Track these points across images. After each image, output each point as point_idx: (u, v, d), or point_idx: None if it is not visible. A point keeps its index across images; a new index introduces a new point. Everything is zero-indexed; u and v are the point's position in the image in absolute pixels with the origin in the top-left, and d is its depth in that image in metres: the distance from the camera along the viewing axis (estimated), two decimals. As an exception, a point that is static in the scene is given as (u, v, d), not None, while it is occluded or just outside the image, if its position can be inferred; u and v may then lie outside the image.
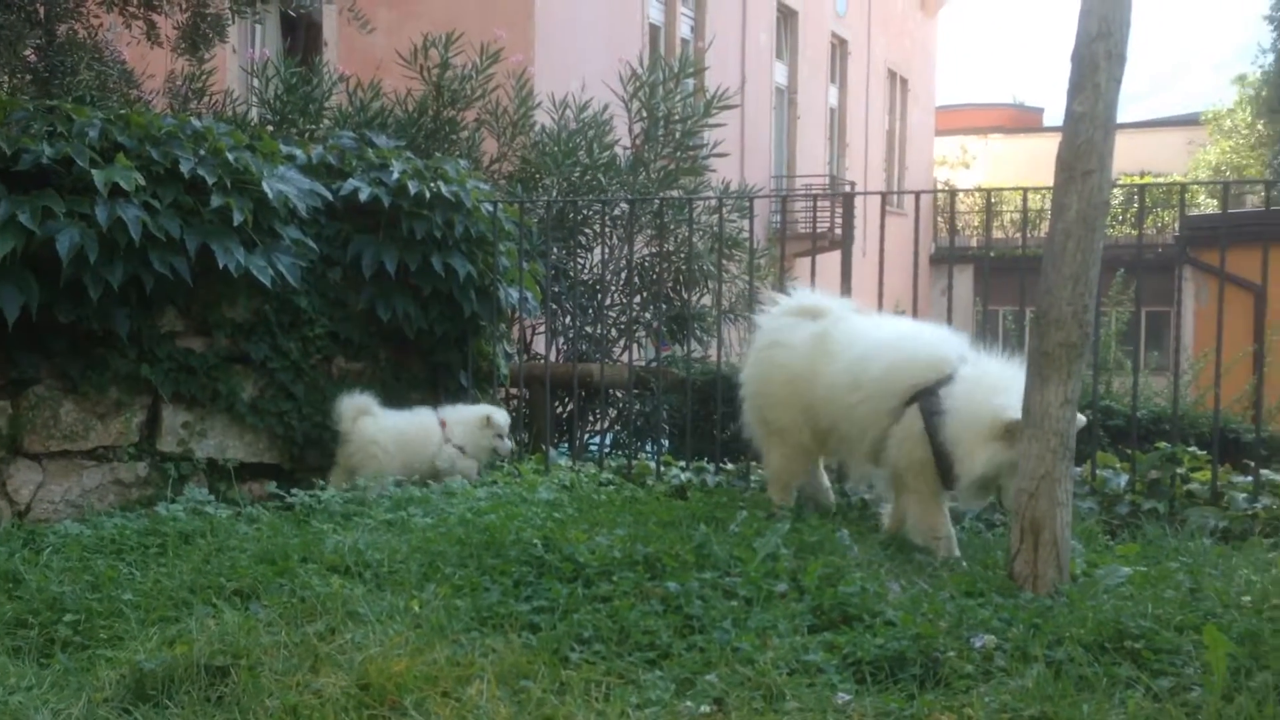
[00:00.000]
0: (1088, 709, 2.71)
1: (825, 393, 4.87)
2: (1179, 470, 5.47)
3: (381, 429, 5.87)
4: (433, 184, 6.25)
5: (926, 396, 4.58)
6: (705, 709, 2.93)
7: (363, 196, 6.05)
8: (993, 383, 4.47)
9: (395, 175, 6.18)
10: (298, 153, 6.27)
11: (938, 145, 30.94)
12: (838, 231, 18.73)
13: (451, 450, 5.94)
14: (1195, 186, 17.64)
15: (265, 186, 5.59)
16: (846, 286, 6.10)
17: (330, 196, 6.07)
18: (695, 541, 4.15)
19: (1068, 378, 4.04)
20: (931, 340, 4.82)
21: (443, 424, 6.00)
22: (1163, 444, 5.56)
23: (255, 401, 5.86)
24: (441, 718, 2.82)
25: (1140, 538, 4.89)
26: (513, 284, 6.60)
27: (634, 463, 6.47)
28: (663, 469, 6.32)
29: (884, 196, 7.39)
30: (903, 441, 4.63)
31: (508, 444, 6.09)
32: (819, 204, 18.59)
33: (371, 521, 4.69)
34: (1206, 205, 18.53)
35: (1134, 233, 19.88)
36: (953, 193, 16.62)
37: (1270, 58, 19.97)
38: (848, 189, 22.72)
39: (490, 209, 6.53)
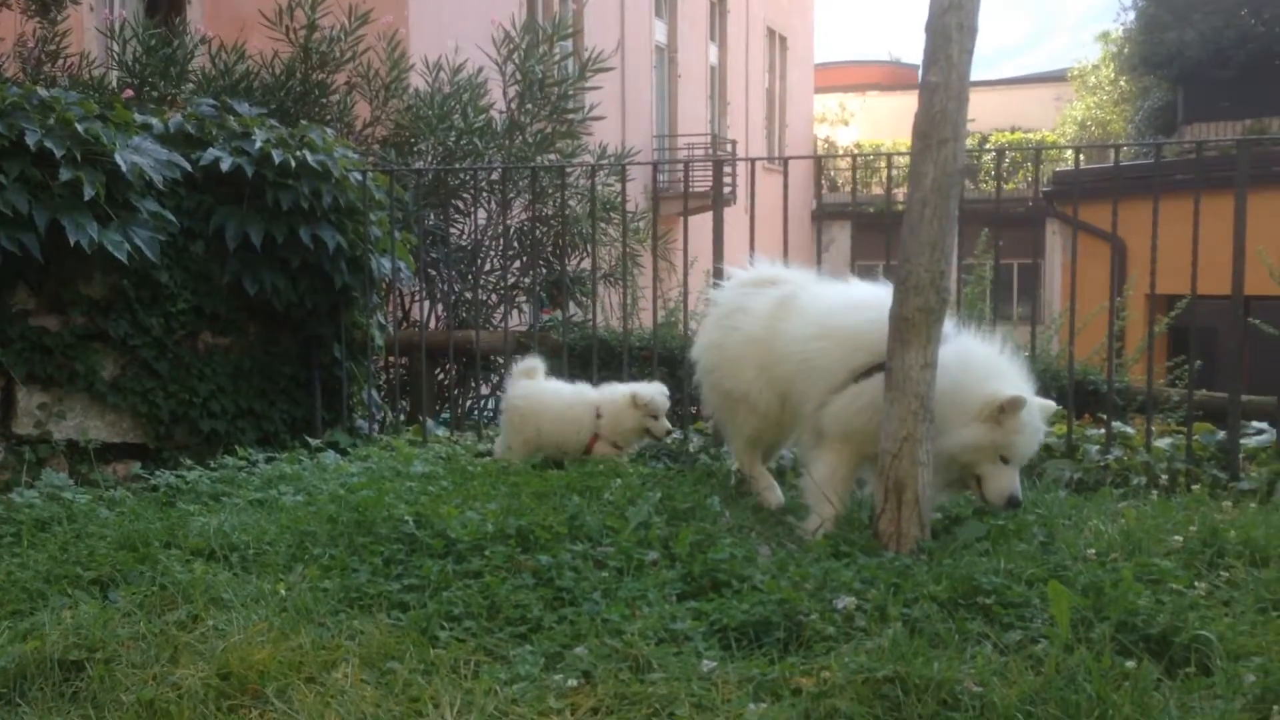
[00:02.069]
0: (938, 666, 2.80)
1: (783, 347, 4.65)
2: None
3: (525, 395, 5.60)
4: (298, 152, 6.10)
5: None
6: (573, 682, 2.95)
7: (224, 166, 5.87)
8: (981, 365, 4.30)
9: (258, 144, 6.01)
10: (154, 122, 6.05)
11: (817, 102, 31.31)
12: (722, 190, 18.85)
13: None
14: (1051, 150, 18.25)
15: (118, 158, 5.39)
16: (719, 249, 6.15)
17: (190, 167, 5.88)
18: (568, 513, 4.16)
19: (927, 342, 4.14)
20: None
21: (598, 414, 5.55)
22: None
23: (117, 380, 5.68)
24: (304, 705, 2.79)
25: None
26: (385, 254, 6.50)
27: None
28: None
29: (755, 159, 7.44)
30: (854, 403, 4.38)
31: (664, 424, 5.52)
32: (701, 164, 18.66)
33: (240, 501, 4.60)
34: (1071, 161, 19.12)
35: (1009, 187, 20.33)
36: (818, 158, 16.84)
37: (1131, 15, 20.65)
38: (729, 148, 22.89)
39: (360, 178, 6.41)
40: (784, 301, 4.80)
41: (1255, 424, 5.65)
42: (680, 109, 22.51)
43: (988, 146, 20.52)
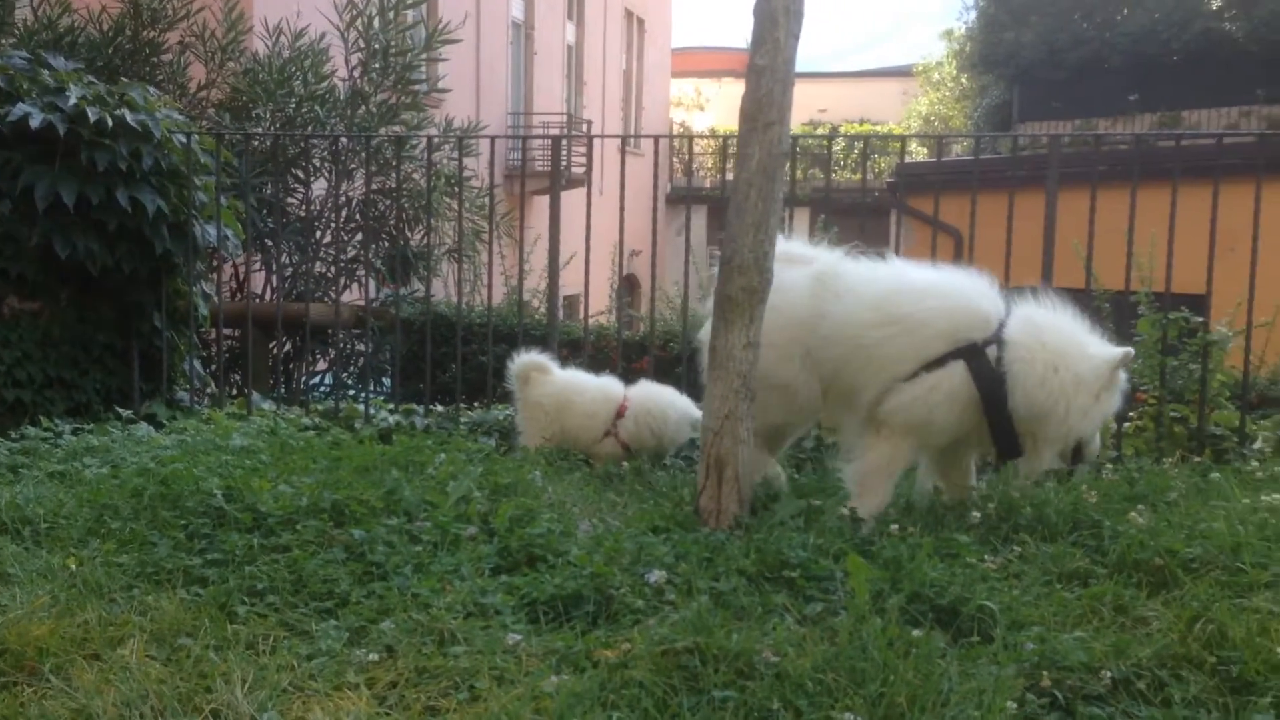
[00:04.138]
0: (737, 637, 2.85)
1: (833, 330, 4.33)
2: None
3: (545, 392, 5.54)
4: (117, 111, 5.82)
5: (974, 356, 4.14)
6: (374, 657, 2.91)
7: (34, 123, 5.58)
8: (1069, 335, 4.18)
9: (73, 101, 5.72)
10: (-43, 73, 5.71)
11: (673, 87, 31.47)
12: (575, 170, 18.82)
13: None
14: (893, 142, 18.73)
15: (-87, 109, 5.06)
16: (555, 229, 6.13)
17: (-4, 122, 5.56)
18: (386, 487, 4.10)
19: (750, 321, 4.19)
20: (976, 292, 4.30)
21: (621, 409, 5.52)
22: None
23: (-90, 345, 5.36)
24: (83, 682, 2.68)
25: (821, 470, 5.19)
26: (211, 221, 6.27)
27: (342, 406, 6.32)
28: (372, 412, 6.22)
29: (599, 139, 7.42)
30: (928, 394, 4.13)
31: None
32: (547, 144, 18.56)
33: (39, 474, 4.38)
34: (918, 153, 19.70)
35: (856, 177, 20.82)
36: (657, 138, 16.99)
37: (973, 14, 21.37)
38: (585, 128, 22.83)
39: (184, 140, 6.16)
40: (823, 280, 4.44)
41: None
42: (536, 87, 22.32)
43: (836, 135, 20.94)
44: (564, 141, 18.18)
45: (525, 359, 5.58)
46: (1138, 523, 3.75)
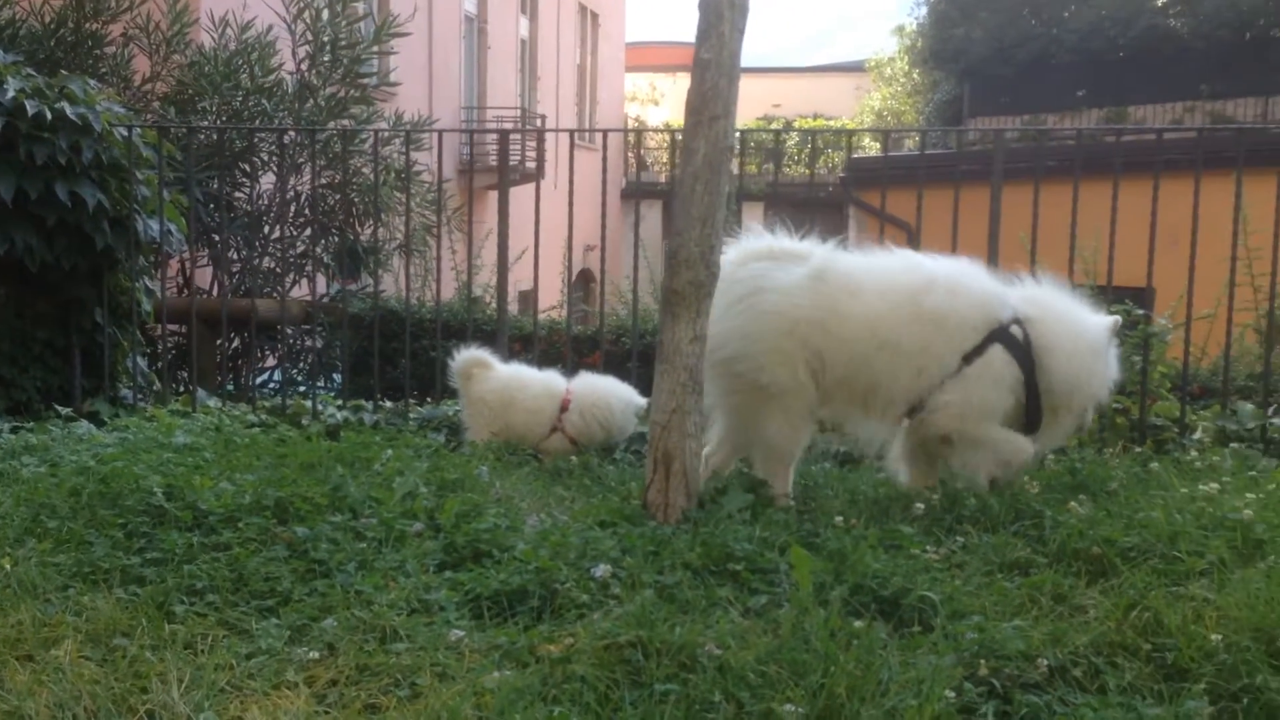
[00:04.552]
0: (680, 631, 2.85)
1: (852, 329, 4.22)
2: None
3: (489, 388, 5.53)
4: (56, 104, 5.72)
5: (1006, 337, 4.21)
6: (314, 655, 2.88)
7: (-30, 117, 5.46)
8: (1073, 307, 4.36)
9: (10, 94, 5.62)
10: (-110, 65, 5.58)
11: (628, 81, 31.45)
12: (529, 165, 18.73)
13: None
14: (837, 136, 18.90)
15: None
16: (503, 223, 6.10)
17: (-70, 115, 5.45)
18: (331, 484, 4.07)
19: (697, 315, 4.19)
20: (987, 277, 4.41)
21: (565, 402, 5.51)
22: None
23: None
24: (15, 684, 2.63)
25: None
26: (154, 215, 6.18)
27: (289, 402, 6.26)
28: (320, 408, 6.16)
29: (553, 132, 7.40)
30: (977, 384, 4.18)
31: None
32: (510, 138, 18.47)
33: (-26, 474, 4.30)
34: (870, 148, 19.86)
35: (808, 172, 20.94)
36: (605, 132, 17.03)
37: (924, 10, 21.56)
38: (540, 122, 22.74)
39: (125, 133, 6.06)
40: (823, 277, 4.31)
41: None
42: (490, 81, 22.20)
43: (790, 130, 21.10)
44: (514, 136, 18.16)
45: (466, 355, 5.57)
46: (1078, 513, 3.80)
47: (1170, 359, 5.80)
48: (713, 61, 4.18)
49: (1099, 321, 4.34)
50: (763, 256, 4.43)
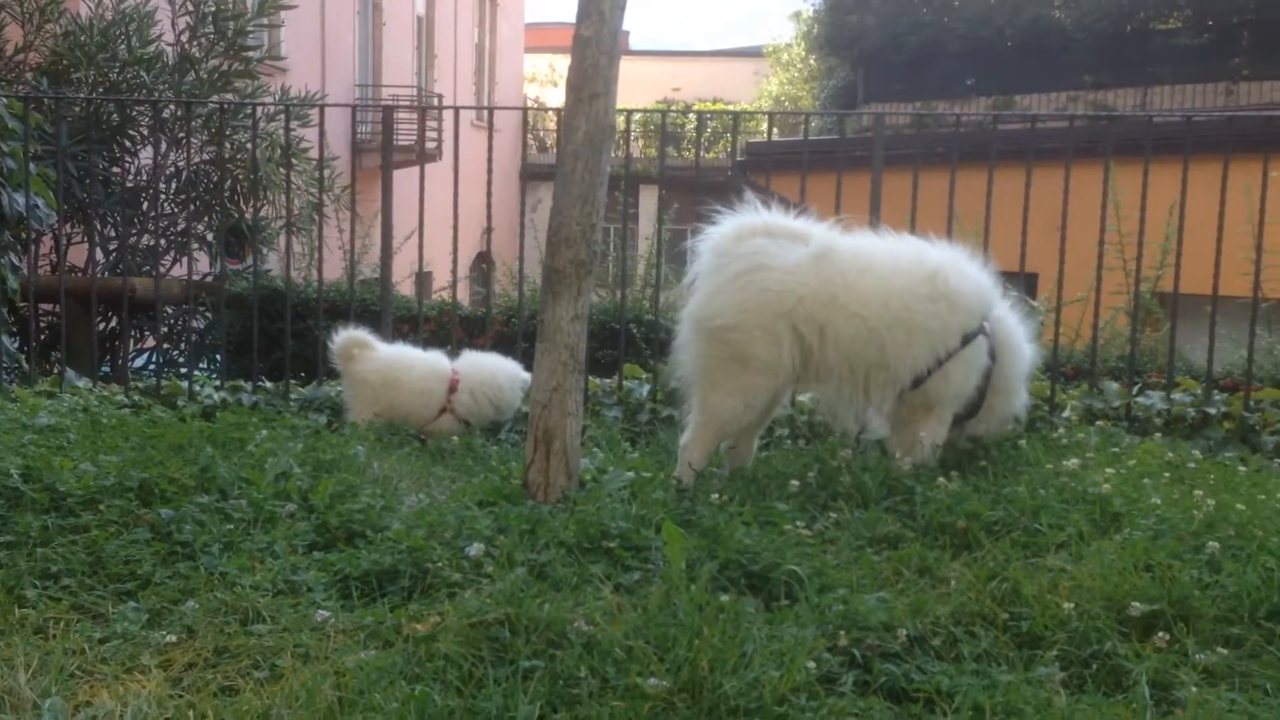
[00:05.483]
0: (549, 608, 2.84)
1: (861, 305, 4.26)
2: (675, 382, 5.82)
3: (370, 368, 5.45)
4: (-89, 71, 5.46)
5: (988, 327, 4.40)
6: (173, 638, 2.81)
7: None
8: (1018, 328, 4.59)
9: None
10: None
11: (527, 62, 31.23)
12: (428, 145, 18.47)
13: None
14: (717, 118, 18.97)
15: None
16: (387, 201, 6.00)
17: None
18: (200, 464, 3.96)
19: (578, 294, 4.18)
20: (979, 265, 4.53)
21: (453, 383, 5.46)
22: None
23: None
24: None
25: (655, 443, 5.23)
26: (20, 189, 5.94)
27: (164, 383, 6.09)
28: (197, 389, 6.00)
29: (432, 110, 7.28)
30: (968, 366, 4.35)
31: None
32: (404, 117, 18.19)
33: None
34: (767, 132, 20.00)
35: (710, 155, 20.96)
36: (491, 109, 16.92)
37: (820, -4, 21.87)
38: (436, 101, 22.45)
39: (-14, 103, 5.81)
40: (827, 255, 4.34)
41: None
42: (385, 59, 21.85)
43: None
44: (407, 114, 17.89)
45: (346, 335, 5.48)
46: (947, 488, 3.88)
47: (1047, 340, 5.96)
48: (593, 39, 4.15)
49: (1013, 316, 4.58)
50: (759, 233, 4.43)
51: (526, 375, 5.34)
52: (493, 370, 5.50)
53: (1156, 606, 2.94)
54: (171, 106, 8.18)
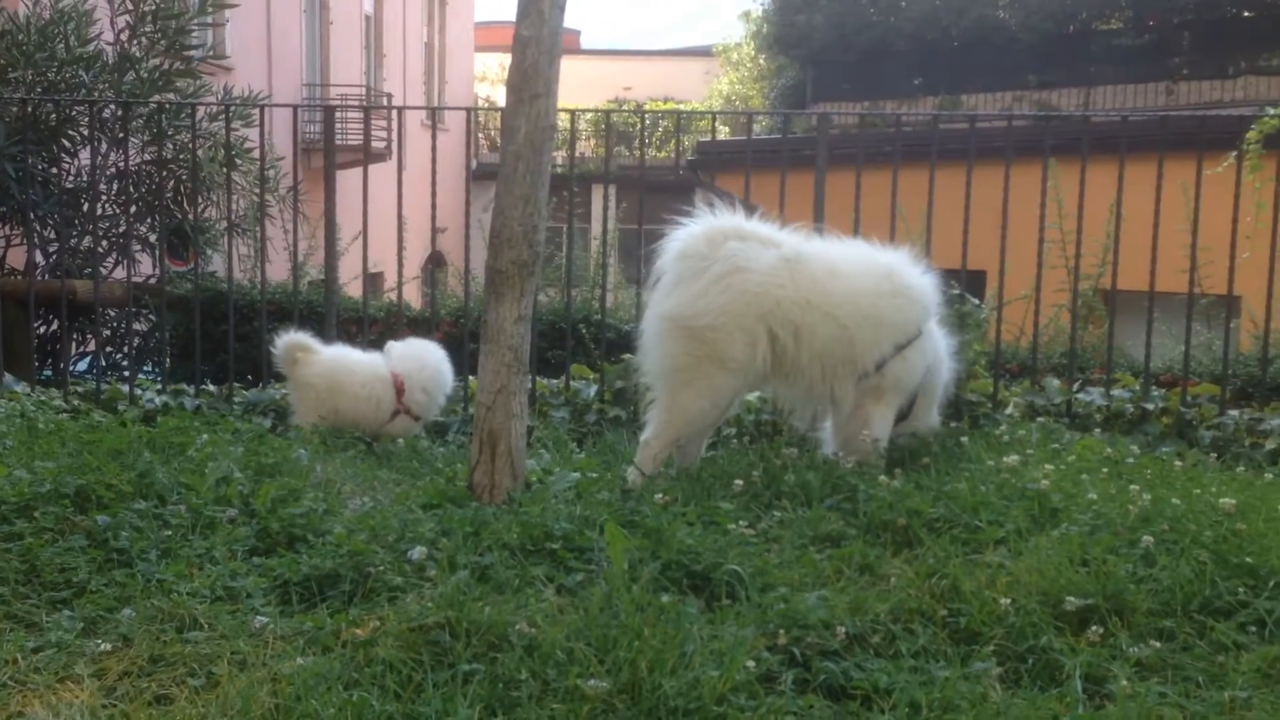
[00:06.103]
0: (490, 611, 2.84)
1: (834, 306, 4.42)
2: (641, 379, 5.86)
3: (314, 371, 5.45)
4: None
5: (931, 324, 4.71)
6: (107, 646, 2.77)
7: None
8: (944, 341, 4.85)
9: None
10: None
11: (478, 61, 31.07)
12: (375, 145, 18.32)
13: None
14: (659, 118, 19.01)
15: None
16: (330, 203, 5.96)
17: None
18: (138, 470, 3.91)
19: (520, 295, 4.17)
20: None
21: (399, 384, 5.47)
22: (629, 355, 5.94)
23: None
24: None
25: (602, 444, 5.23)
26: (-48, 190, 5.83)
27: (105, 387, 6.00)
28: (139, 393, 5.92)
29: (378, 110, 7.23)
30: (919, 357, 4.59)
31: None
32: (351, 117, 18.02)
33: None
34: (721, 131, 20.05)
35: (662, 154, 20.91)
36: (434, 109, 16.86)
37: (770, -4, 21.94)
38: (385, 101, 22.28)
39: (-83, 102, 5.69)
40: (798, 259, 4.49)
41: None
42: (333, 58, 21.63)
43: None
44: (353, 115, 17.73)
45: (288, 339, 5.45)
46: (889, 486, 3.91)
47: (992, 338, 6.02)
48: (533, 39, 4.14)
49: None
50: (732, 236, 4.54)
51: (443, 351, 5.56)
52: (428, 360, 5.55)
53: (1091, 601, 2.99)
54: (111, 106, 8.03)
